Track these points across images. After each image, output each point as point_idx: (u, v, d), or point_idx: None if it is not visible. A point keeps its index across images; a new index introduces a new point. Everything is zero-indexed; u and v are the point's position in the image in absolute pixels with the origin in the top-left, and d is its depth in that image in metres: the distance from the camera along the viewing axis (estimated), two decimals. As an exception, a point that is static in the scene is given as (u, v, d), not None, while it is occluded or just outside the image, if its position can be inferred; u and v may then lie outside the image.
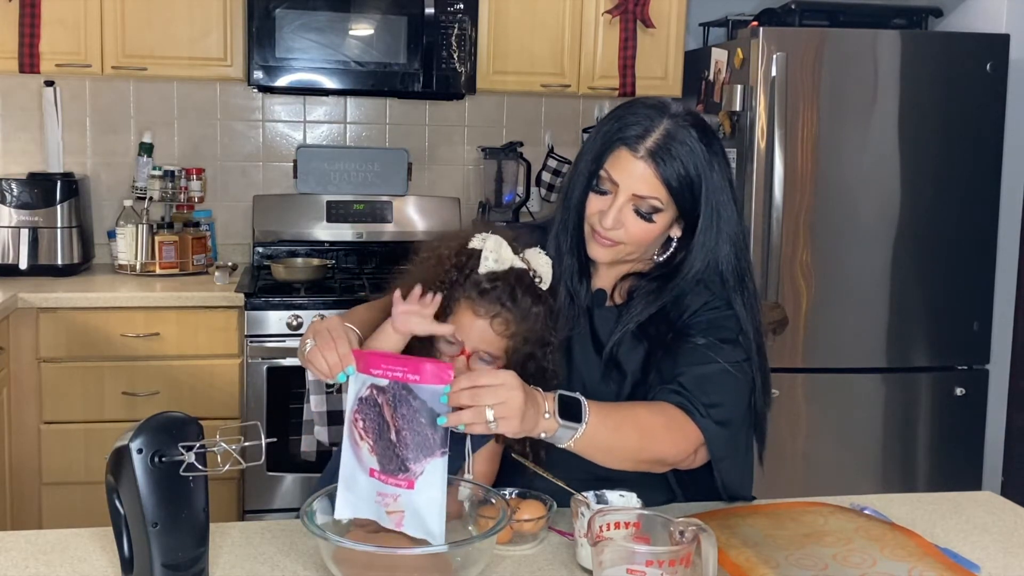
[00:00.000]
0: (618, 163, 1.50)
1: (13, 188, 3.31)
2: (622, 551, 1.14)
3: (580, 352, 1.61)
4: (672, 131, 1.49)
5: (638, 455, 1.44)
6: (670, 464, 1.50)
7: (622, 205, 1.50)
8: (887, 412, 3.34)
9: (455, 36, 3.36)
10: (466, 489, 1.39)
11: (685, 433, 1.46)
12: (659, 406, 1.48)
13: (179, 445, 1.18)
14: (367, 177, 3.76)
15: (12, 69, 3.24)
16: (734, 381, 1.51)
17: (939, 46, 3.26)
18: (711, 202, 1.52)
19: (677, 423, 1.46)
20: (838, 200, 3.21)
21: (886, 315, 3.28)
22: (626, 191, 1.50)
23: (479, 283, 1.45)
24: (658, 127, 1.49)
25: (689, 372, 1.50)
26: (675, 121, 1.50)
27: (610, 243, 1.54)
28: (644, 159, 1.48)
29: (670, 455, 1.47)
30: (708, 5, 3.76)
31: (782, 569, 1.27)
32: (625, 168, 1.50)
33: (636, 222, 1.51)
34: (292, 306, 3.15)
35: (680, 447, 1.47)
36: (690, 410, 1.47)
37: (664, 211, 1.51)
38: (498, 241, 1.47)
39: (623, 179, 1.50)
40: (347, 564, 1.21)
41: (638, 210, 1.51)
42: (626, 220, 1.51)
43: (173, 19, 3.29)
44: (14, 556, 1.32)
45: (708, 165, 1.50)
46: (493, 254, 1.45)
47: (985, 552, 1.40)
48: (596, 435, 1.37)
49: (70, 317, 3.06)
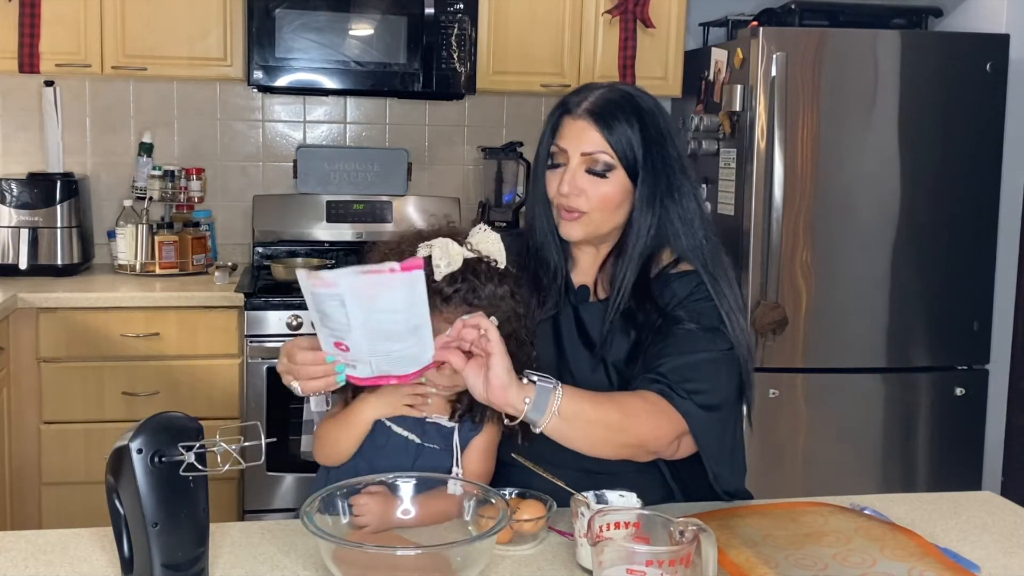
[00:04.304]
0: (563, 131, 1.57)
1: (13, 188, 3.31)
2: (622, 551, 1.14)
3: (571, 350, 1.62)
4: (609, 94, 1.57)
5: (619, 436, 1.43)
6: (652, 451, 1.48)
7: (575, 169, 1.55)
8: (887, 412, 3.34)
9: (455, 36, 3.36)
10: (456, 485, 1.39)
11: (668, 416, 1.46)
12: (639, 393, 1.48)
13: (179, 445, 1.18)
14: (367, 177, 3.76)
15: (12, 69, 3.24)
16: (715, 368, 1.51)
17: (939, 46, 3.27)
18: (654, 165, 1.55)
19: (658, 407, 1.46)
20: (838, 200, 3.22)
21: (886, 315, 3.28)
22: (575, 154, 1.55)
23: (440, 291, 1.43)
24: (596, 92, 1.57)
25: (669, 362, 1.50)
26: (613, 87, 1.59)
27: (575, 214, 1.57)
28: (583, 117, 1.55)
29: (651, 438, 1.46)
30: (708, 5, 3.76)
31: (782, 569, 1.27)
32: (569, 132, 1.56)
33: (592, 183, 1.55)
34: (292, 306, 3.15)
35: (663, 430, 1.45)
36: (670, 395, 1.46)
37: (615, 168, 1.54)
38: (443, 243, 1.44)
39: (569, 144, 1.56)
40: (347, 564, 1.21)
41: (591, 170, 1.55)
42: (582, 183, 1.55)
43: (173, 19, 3.29)
44: (14, 556, 1.32)
45: (650, 126, 1.55)
46: (443, 259, 1.43)
47: (985, 552, 1.40)
48: (577, 405, 1.37)
49: (70, 317, 3.06)
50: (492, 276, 1.46)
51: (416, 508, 1.40)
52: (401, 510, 1.39)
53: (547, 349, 1.60)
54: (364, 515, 1.35)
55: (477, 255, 1.46)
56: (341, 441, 1.52)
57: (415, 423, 1.51)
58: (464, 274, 1.44)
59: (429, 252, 1.43)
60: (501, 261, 1.47)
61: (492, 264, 1.46)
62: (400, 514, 1.39)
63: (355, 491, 1.37)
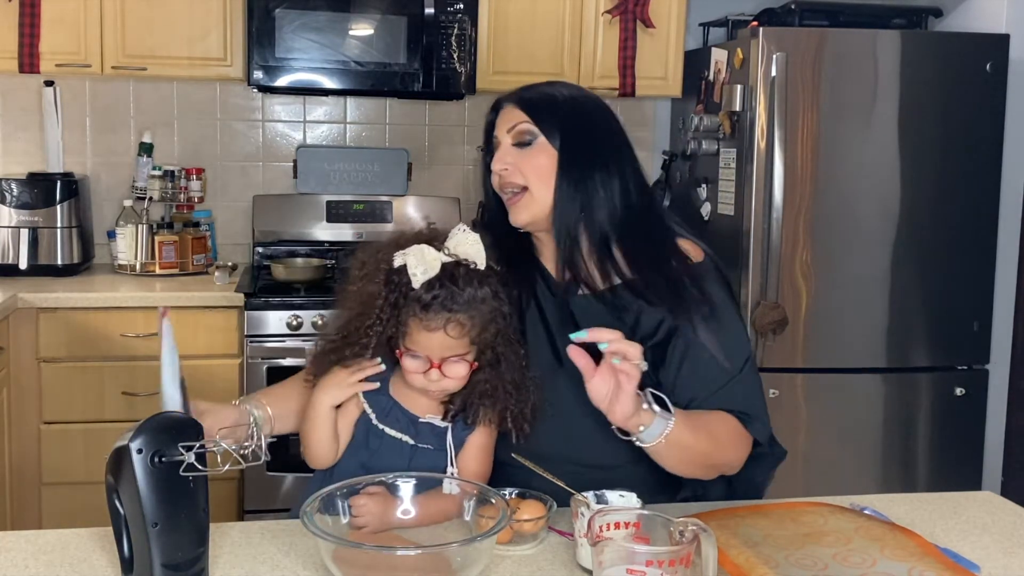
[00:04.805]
0: (496, 124, 1.63)
1: (13, 188, 3.31)
2: (622, 551, 1.14)
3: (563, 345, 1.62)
4: (536, 85, 1.64)
5: (705, 461, 1.50)
6: (725, 472, 1.57)
7: (505, 147, 1.59)
8: (887, 412, 3.34)
9: (455, 36, 3.36)
10: (452, 484, 1.39)
11: (745, 442, 1.55)
12: (724, 417, 1.54)
13: (179, 445, 1.18)
14: (367, 177, 3.76)
15: (12, 69, 3.24)
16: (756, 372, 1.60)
17: (939, 46, 3.27)
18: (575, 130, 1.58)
19: (739, 432, 1.54)
20: (838, 200, 3.22)
21: (886, 315, 3.28)
22: (503, 135, 1.60)
23: (419, 299, 1.42)
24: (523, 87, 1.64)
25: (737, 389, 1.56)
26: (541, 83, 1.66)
27: (516, 194, 1.59)
28: (510, 101, 1.62)
29: (729, 464, 1.55)
30: (708, 5, 3.76)
31: (782, 569, 1.27)
32: (501, 119, 1.62)
33: (521, 155, 1.58)
34: (292, 306, 3.15)
35: (740, 455, 1.55)
36: (745, 420, 1.55)
37: (538, 137, 1.58)
38: (418, 251, 1.43)
39: (500, 129, 1.61)
40: (347, 564, 1.21)
41: (518, 143, 1.59)
42: (511, 156, 1.59)
43: (173, 19, 3.29)
44: (14, 556, 1.32)
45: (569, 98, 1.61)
46: (420, 267, 1.42)
47: (985, 552, 1.40)
48: (681, 433, 1.41)
49: (70, 317, 3.06)
50: (471, 279, 1.44)
51: (416, 508, 1.40)
52: (401, 510, 1.39)
53: (542, 344, 1.59)
54: (363, 516, 1.35)
55: (455, 259, 1.45)
56: (311, 435, 1.52)
57: (408, 424, 1.51)
58: (442, 280, 1.42)
59: (404, 261, 1.43)
60: (480, 262, 1.46)
61: (472, 267, 1.45)
62: (400, 514, 1.39)
63: (355, 491, 1.37)
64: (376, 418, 1.51)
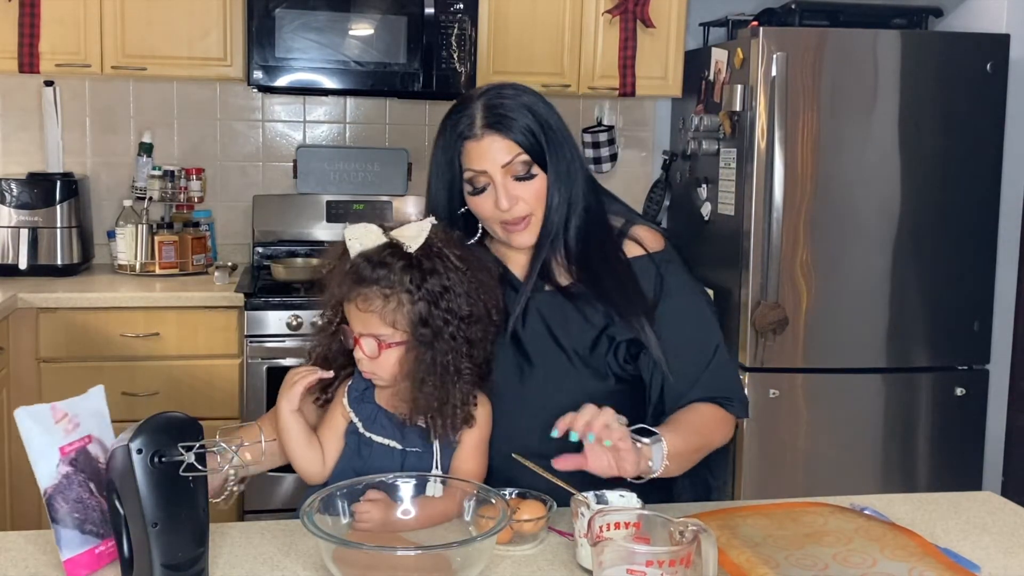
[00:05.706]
0: (472, 156, 1.57)
1: (13, 188, 3.31)
2: (622, 551, 1.14)
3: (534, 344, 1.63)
4: (488, 101, 1.58)
5: (701, 452, 1.57)
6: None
7: (502, 182, 1.57)
8: (887, 412, 3.34)
9: (455, 36, 3.36)
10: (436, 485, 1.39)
11: (727, 421, 1.62)
12: (700, 410, 1.59)
13: (179, 445, 1.18)
14: (367, 177, 3.76)
15: (12, 69, 3.24)
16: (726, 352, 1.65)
17: (939, 46, 3.26)
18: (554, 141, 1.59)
19: (718, 415, 1.61)
20: (838, 200, 3.21)
21: (886, 315, 3.28)
22: (496, 171, 1.56)
23: (344, 269, 1.46)
24: (477, 107, 1.58)
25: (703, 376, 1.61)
26: (486, 94, 1.60)
27: (523, 222, 1.60)
28: (485, 133, 1.56)
29: (723, 441, 1.63)
30: (708, 5, 3.76)
31: (782, 569, 1.27)
32: (479, 154, 1.57)
33: (524, 187, 1.58)
34: (292, 306, 3.15)
35: (727, 433, 1.63)
36: (723, 404, 1.61)
37: (532, 165, 1.58)
38: (364, 228, 1.46)
39: (486, 163, 1.56)
40: (347, 564, 1.21)
41: (517, 176, 1.58)
42: (515, 191, 1.58)
43: (173, 19, 3.29)
44: (14, 556, 1.32)
45: (537, 110, 1.59)
46: (356, 240, 1.44)
47: (985, 552, 1.40)
48: (675, 446, 1.46)
49: (70, 317, 3.06)
50: (396, 258, 1.44)
51: (416, 509, 1.40)
52: (401, 510, 1.39)
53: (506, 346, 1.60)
54: (366, 523, 1.35)
55: (391, 240, 1.47)
56: (286, 445, 1.51)
57: (394, 430, 1.50)
58: (370, 255, 1.44)
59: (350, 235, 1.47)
60: (412, 243, 1.46)
61: (405, 247, 1.45)
62: (400, 514, 1.39)
63: (355, 491, 1.36)
64: (363, 426, 1.51)
